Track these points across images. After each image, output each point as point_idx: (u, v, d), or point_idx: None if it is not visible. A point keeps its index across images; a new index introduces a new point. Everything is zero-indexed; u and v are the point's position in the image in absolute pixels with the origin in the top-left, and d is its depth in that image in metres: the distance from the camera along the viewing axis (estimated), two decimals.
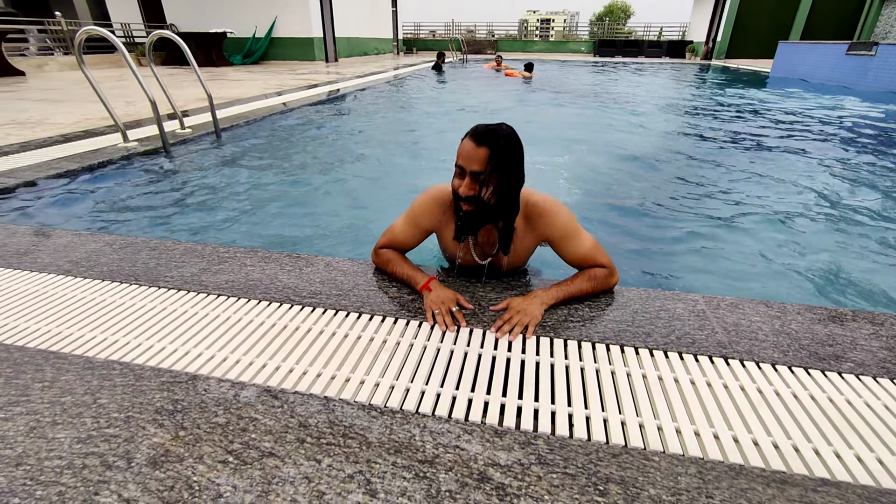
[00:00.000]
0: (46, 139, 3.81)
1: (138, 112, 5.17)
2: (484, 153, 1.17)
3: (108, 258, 1.68)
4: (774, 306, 1.39)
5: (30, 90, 7.24)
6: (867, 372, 1.12)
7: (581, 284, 1.38)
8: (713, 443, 0.91)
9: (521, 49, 25.30)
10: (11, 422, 0.95)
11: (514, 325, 1.24)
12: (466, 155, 1.19)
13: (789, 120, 6.30)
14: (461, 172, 1.21)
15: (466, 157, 1.19)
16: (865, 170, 3.93)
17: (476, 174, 1.18)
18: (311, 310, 1.35)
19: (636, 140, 5.06)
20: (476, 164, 1.17)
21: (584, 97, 8.42)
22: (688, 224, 2.82)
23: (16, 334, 1.24)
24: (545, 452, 0.89)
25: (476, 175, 1.19)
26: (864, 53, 9.71)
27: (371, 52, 19.09)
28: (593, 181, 3.64)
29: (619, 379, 1.09)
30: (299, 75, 10.22)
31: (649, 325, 1.29)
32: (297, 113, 5.82)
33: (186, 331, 1.25)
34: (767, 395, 1.04)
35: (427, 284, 1.37)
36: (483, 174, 1.18)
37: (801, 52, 12.14)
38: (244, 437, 0.91)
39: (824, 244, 2.52)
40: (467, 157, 1.18)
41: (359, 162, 4.06)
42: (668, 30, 25.68)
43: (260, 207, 2.92)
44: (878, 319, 1.34)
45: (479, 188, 1.20)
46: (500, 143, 1.17)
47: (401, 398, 1.02)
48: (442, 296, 1.32)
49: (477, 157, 1.17)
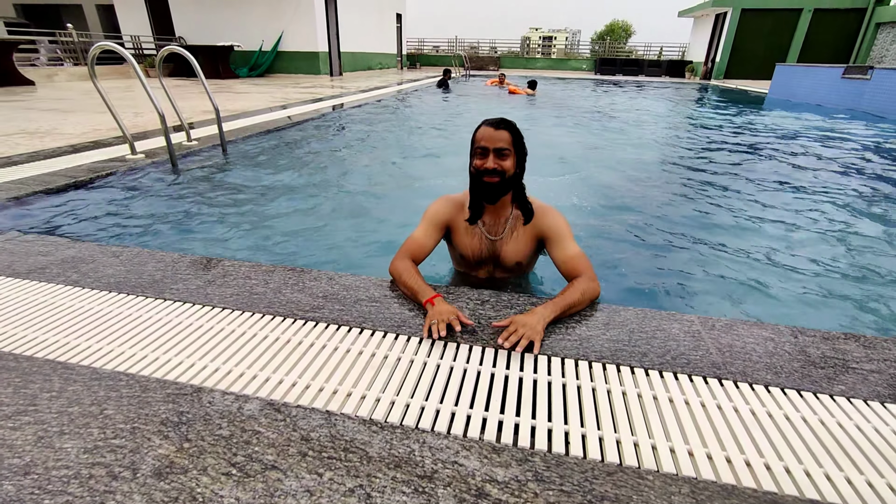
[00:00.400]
0: (55, 149, 3.87)
1: (145, 123, 5.25)
2: (505, 134, 1.50)
3: (115, 270, 1.71)
4: (768, 328, 1.42)
5: (39, 100, 7.36)
6: (858, 395, 1.15)
7: (573, 295, 1.42)
8: (706, 463, 0.93)
9: (524, 66, 25.69)
10: (20, 431, 0.97)
11: (520, 336, 1.26)
12: (491, 137, 1.50)
13: (785, 141, 6.39)
14: (484, 152, 1.51)
15: (491, 139, 1.49)
16: (860, 192, 3.99)
17: (500, 150, 1.49)
18: (313, 324, 1.38)
19: (635, 159, 5.13)
20: (501, 142, 1.49)
21: (585, 115, 8.54)
22: (685, 244, 2.86)
23: (24, 344, 1.27)
24: (542, 469, 0.91)
25: (500, 151, 1.49)
26: (859, 77, 9.88)
27: (375, 67, 19.39)
28: (592, 199, 3.69)
29: (614, 398, 1.11)
30: (304, 89, 10.37)
31: (645, 345, 1.31)
32: (302, 126, 5.91)
33: (191, 343, 1.28)
34: (760, 416, 1.07)
35: (431, 299, 1.41)
36: (507, 149, 1.50)
37: (798, 74, 12.34)
38: (247, 450, 0.93)
39: (818, 266, 2.55)
40: (492, 139, 1.49)
41: (362, 175, 4.12)
42: (668, 49, 26.11)
43: (264, 220, 2.96)
44: (870, 343, 1.37)
45: (503, 163, 1.50)
46: (514, 127, 1.53)
47: (401, 413, 1.04)
48: (443, 310, 1.36)
49: (501, 137, 1.49)
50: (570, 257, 1.54)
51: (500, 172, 1.49)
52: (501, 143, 1.48)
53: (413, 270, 1.53)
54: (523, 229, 1.63)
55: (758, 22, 17.91)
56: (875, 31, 16.28)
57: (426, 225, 1.65)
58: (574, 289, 1.45)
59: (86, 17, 17.72)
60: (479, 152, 1.52)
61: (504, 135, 1.49)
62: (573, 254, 1.54)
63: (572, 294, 1.43)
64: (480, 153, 1.51)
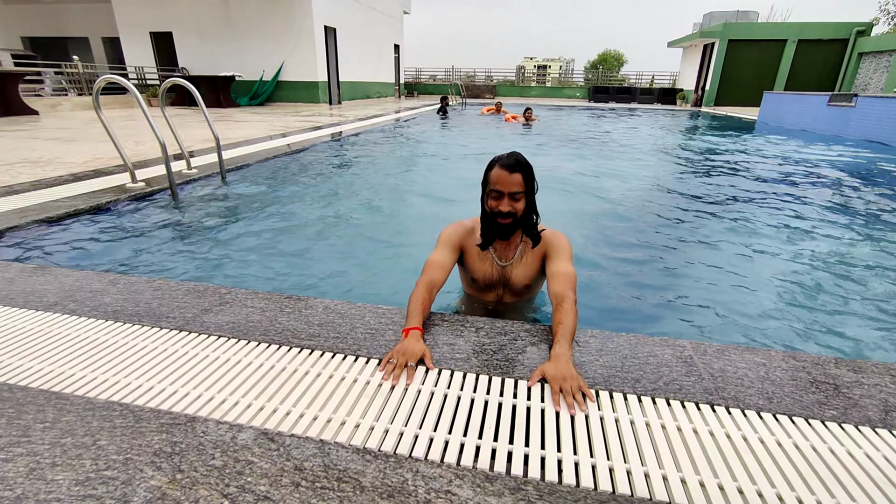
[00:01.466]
0: (57, 178, 3.93)
1: (146, 152, 5.34)
2: (518, 178, 1.55)
3: (113, 298, 1.73)
4: (760, 353, 1.43)
5: (43, 129, 7.48)
6: (850, 420, 1.16)
7: (570, 321, 1.41)
8: (699, 490, 0.94)
9: (519, 94, 26.31)
10: (12, 463, 0.97)
11: (572, 394, 1.19)
12: (504, 182, 1.55)
13: (775, 166, 6.52)
14: (498, 196, 1.57)
15: (505, 183, 1.55)
16: (850, 218, 4.06)
17: (514, 194, 1.56)
18: (309, 352, 1.39)
19: (629, 186, 5.22)
20: (515, 186, 1.55)
21: (579, 142, 8.72)
22: (677, 270, 2.89)
23: (19, 374, 1.27)
24: (535, 498, 0.91)
25: (514, 195, 1.56)
26: (844, 104, 10.15)
27: (373, 96, 19.83)
28: (585, 225, 3.74)
29: (607, 425, 1.12)
30: (304, 117, 10.59)
31: (638, 371, 1.32)
32: (301, 154, 6.01)
33: (186, 372, 1.28)
34: (752, 442, 1.07)
35: (407, 330, 1.39)
36: (520, 192, 1.56)
37: (785, 101, 12.67)
38: (240, 481, 0.93)
39: (808, 292, 2.58)
40: (506, 183, 1.55)
41: (360, 203, 4.18)
42: (660, 77, 26.84)
43: (262, 248, 2.99)
44: (860, 367, 1.38)
45: (516, 205, 1.56)
46: (527, 167, 1.58)
47: (395, 442, 1.04)
48: (409, 348, 1.32)
49: (515, 181, 1.55)
50: (563, 272, 1.58)
51: (513, 214, 1.57)
52: (515, 187, 1.55)
53: (420, 297, 1.51)
54: (532, 253, 1.71)
55: (745, 51, 18.51)
56: (858, 61, 16.81)
57: (442, 246, 1.71)
58: (567, 313, 1.43)
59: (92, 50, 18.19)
60: (493, 195, 1.58)
61: (517, 178, 1.54)
62: (564, 270, 1.58)
63: (569, 320, 1.41)
64: (495, 196, 1.58)
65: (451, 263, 1.70)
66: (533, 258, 1.71)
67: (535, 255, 1.71)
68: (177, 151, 4.81)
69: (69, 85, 12.49)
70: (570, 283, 1.54)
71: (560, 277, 1.57)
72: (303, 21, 14.08)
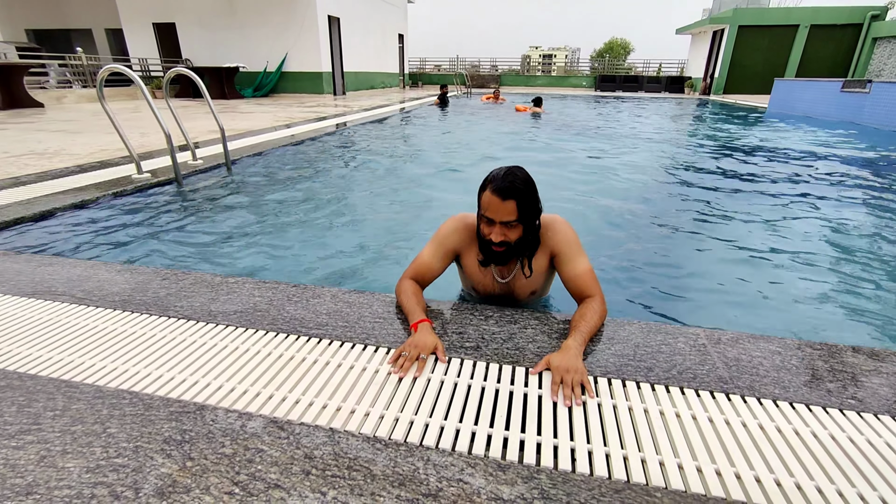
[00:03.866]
0: (63, 169, 3.93)
1: (151, 143, 5.33)
2: (512, 206, 1.34)
3: (121, 287, 1.72)
4: (775, 341, 1.41)
5: (48, 121, 7.50)
6: (868, 409, 1.13)
7: (593, 319, 1.37)
8: (715, 479, 0.92)
9: (524, 84, 26.04)
10: (23, 450, 0.97)
11: (572, 386, 1.16)
12: (495, 209, 1.35)
13: (787, 154, 6.42)
14: (490, 222, 1.38)
15: (496, 211, 1.35)
16: (866, 205, 3.99)
17: (507, 223, 1.36)
18: (317, 341, 1.38)
19: (640, 175, 5.16)
20: (506, 215, 1.35)
21: (589, 131, 8.62)
22: (689, 257, 2.85)
23: (29, 362, 1.27)
24: (548, 487, 0.89)
25: (507, 223, 1.36)
26: (858, 91, 9.95)
27: (378, 86, 19.70)
28: (596, 214, 3.70)
29: (620, 413, 1.10)
30: (308, 108, 10.54)
31: (651, 360, 1.30)
32: (306, 145, 5.99)
33: (195, 360, 1.28)
34: (769, 431, 1.05)
35: (416, 325, 1.37)
36: (514, 222, 1.36)
37: (797, 88, 12.45)
38: (250, 469, 0.92)
39: (824, 279, 2.54)
40: (496, 211, 1.35)
41: (366, 192, 4.16)
42: (667, 66, 26.44)
43: (268, 238, 2.98)
44: (880, 356, 1.35)
45: (509, 233, 1.38)
46: (523, 193, 1.35)
47: (405, 430, 1.03)
48: (420, 341, 1.29)
49: (506, 210, 1.34)
50: (579, 274, 1.47)
51: (506, 243, 1.41)
52: (508, 216, 1.35)
53: (411, 291, 1.50)
54: (534, 258, 1.55)
55: (755, 38, 18.15)
56: (872, 46, 16.46)
57: (435, 247, 1.58)
58: (593, 312, 1.39)
59: (95, 41, 18.16)
60: (485, 221, 1.41)
61: (510, 206, 1.34)
62: (582, 271, 1.47)
63: (593, 318, 1.37)
64: (487, 222, 1.41)
65: (441, 267, 1.58)
66: (537, 263, 1.55)
67: (539, 259, 1.55)
68: (182, 143, 4.80)
69: (73, 77, 12.50)
70: (592, 282, 1.46)
71: (579, 280, 1.46)
72: (306, 11, 13.96)
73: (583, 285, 1.46)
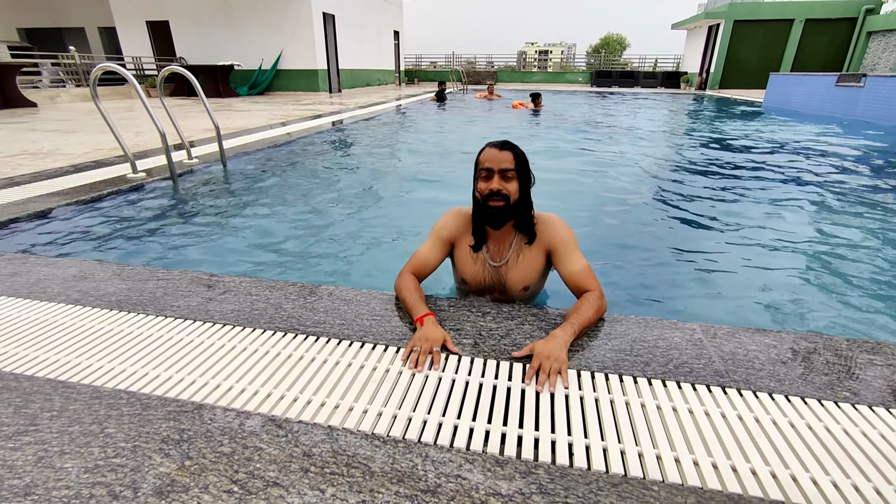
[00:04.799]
0: (57, 169, 3.91)
1: (146, 142, 5.30)
2: (509, 155, 1.46)
3: (117, 288, 1.72)
4: (770, 335, 1.42)
5: (42, 121, 7.45)
6: (863, 401, 1.14)
7: (587, 312, 1.38)
8: (712, 472, 0.93)
9: (520, 80, 26.00)
10: (20, 451, 0.97)
11: (549, 373, 1.19)
12: (495, 159, 1.46)
13: (782, 149, 6.44)
14: (488, 174, 1.47)
15: (495, 160, 1.45)
16: (861, 199, 4.00)
17: (505, 171, 1.45)
18: (314, 339, 1.38)
19: (636, 168, 5.16)
20: (505, 163, 1.45)
21: (583, 126, 8.61)
22: (685, 252, 2.86)
23: (25, 363, 1.26)
24: (546, 482, 0.90)
25: (505, 172, 1.45)
26: (853, 85, 9.98)
27: (374, 83, 19.63)
28: (592, 209, 3.70)
29: (618, 408, 1.10)
30: (303, 106, 10.49)
31: (647, 354, 1.31)
32: (302, 143, 5.97)
33: (192, 360, 1.28)
34: (765, 424, 1.06)
35: (422, 318, 1.37)
36: (511, 170, 1.45)
37: (791, 83, 12.47)
38: (249, 467, 0.92)
39: (819, 273, 2.55)
40: (496, 160, 1.45)
41: (363, 189, 4.15)
42: (663, 61, 26.42)
43: (265, 237, 2.98)
44: (875, 349, 1.36)
45: (507, 185, 1.45)
46: (518, 149, 1.49)
47: (403, 427, 1.03)
48: (430, 334, 1.31)
49: (505, 158, 1.45)
50: (577, 272, 1.48)
51: (505, 196, 1.45)
52: (505, 163, 1.44)
53: (412, 286, 1.51)
54: (528, 249, 1.56)
55: (751, 33, 18.17)
56: (867, 40, 16.50)
57: (432, 240, 1.62)
58: (588, 305, 1.40)
59: (88, 40, 18.03)
60: (483, 175, 1.47)
61: (507, 155, 1.45)
62: (580, 268, 1.49)
63: (587, 311, 1.38)
64: (485, 175, 1.47)
65: (439, 259, 1.62)
66: (531, 256, 1.56)
67: (534, 253, 1.56)
68: (177, 142, 4.77)
69: (67, 76, 12.40)
70: (591, 281, 1.47)
71: (578, 277, 1.48)
72: (301, 8, 13.88)
73: (582, 281, 1.48)
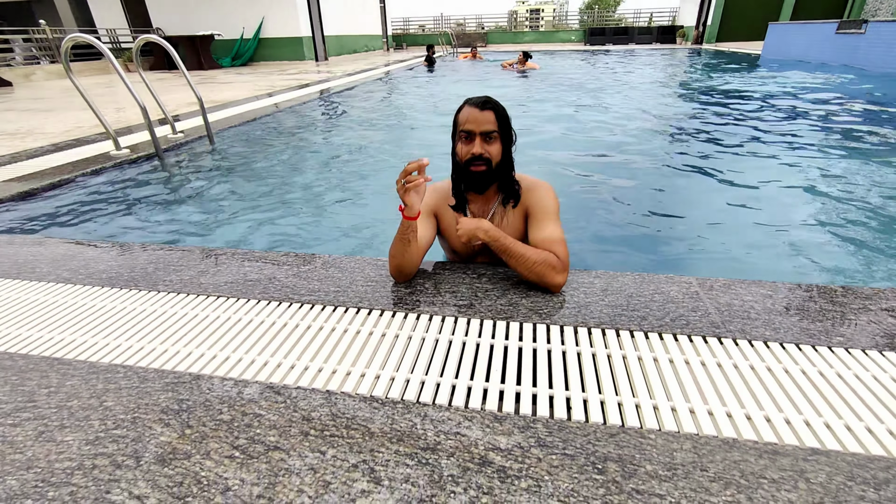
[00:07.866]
0: (37, 149, 3.80)
1: (129, 118, 5.15)
2: (490, 115, 1.35)
3: (107, 265, 1.69)
4: (766, 285, 1.42)
5: (18, 100, 7.20)
6: (856, 345, 1.15)
7: (527, 250, 1.34)
8: (707, 419, 0.94)
9: (512, 40, 25.19)
10: (20, 427, 0.97)
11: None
12: (476, 119, 1.35)
13: (781, 100, 6.32)
14: (469, 136, 1.37)
15: (476, 122, 1.35)
16: (858, 147, 3.96)
17: (486, 133, 1.36)
18: (310, 307, 1.37)
19: (629, 126, 5.07)
20: (487, 124, 1.35)
21: (577, 85, 8.41)
22: (681, 206, 2.84)
23: (19, 342, 1.26)
24: (544, 435, 0.91)
25: (487, 134, 1.36)
26: (853, 32, 9.71)
27: (361, 50, 18.99)
28: (586, 166, 3.65)
29: (615, 362, 1.11)
30: (289, 75, 10.17)
31: (644, 309, 1.31)
32: (289, 113, 5.81)
33: (188, 332, 1.27)
34: (760, 371, 1.07)
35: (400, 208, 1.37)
36: (494, 132, 1.36)
37: (791, 32, 12.13)
38: (249, 433, 0.93)
39: (814, 222, 2.55)
40: (477, 121, 1.35)
41: (353, 159, 4.07)
42: (658, 15, 25.58)
43: (255, 209, 2.93)
44: (867, 294, 1.37)
45: (490, 147, 1.37)
46: (500, 106, 1.39)
47: (401, 389, 1.04)
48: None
49: (486, 119, 1.35)
50: (545, 238, 1.37)
51: (487, 160, 1.36)
52: (487, 125, 1.35)
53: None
54: (513, 213, 1.48)
55: None
56: None
57: (422, 216, 1.49)
58: (538, 253, 1.34)
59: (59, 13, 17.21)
60: (463, 137, 1.38)
61: (489, 116, 1.34)
62: (551, 236, 1.37)
63: (533, 254, 1.33)
64: (465, 137, 1.38)
65: (431, 232, 1.51)
66: (515, 218, 1.48)
67: (517, 215, 1.48)
68: (160, 116, 4.63)
69: (40, 52, 11.92)
70: (559, 251, 1.36)
71: (547, 245, 1.37)
72: None
73: (548, 247, 1.36)
